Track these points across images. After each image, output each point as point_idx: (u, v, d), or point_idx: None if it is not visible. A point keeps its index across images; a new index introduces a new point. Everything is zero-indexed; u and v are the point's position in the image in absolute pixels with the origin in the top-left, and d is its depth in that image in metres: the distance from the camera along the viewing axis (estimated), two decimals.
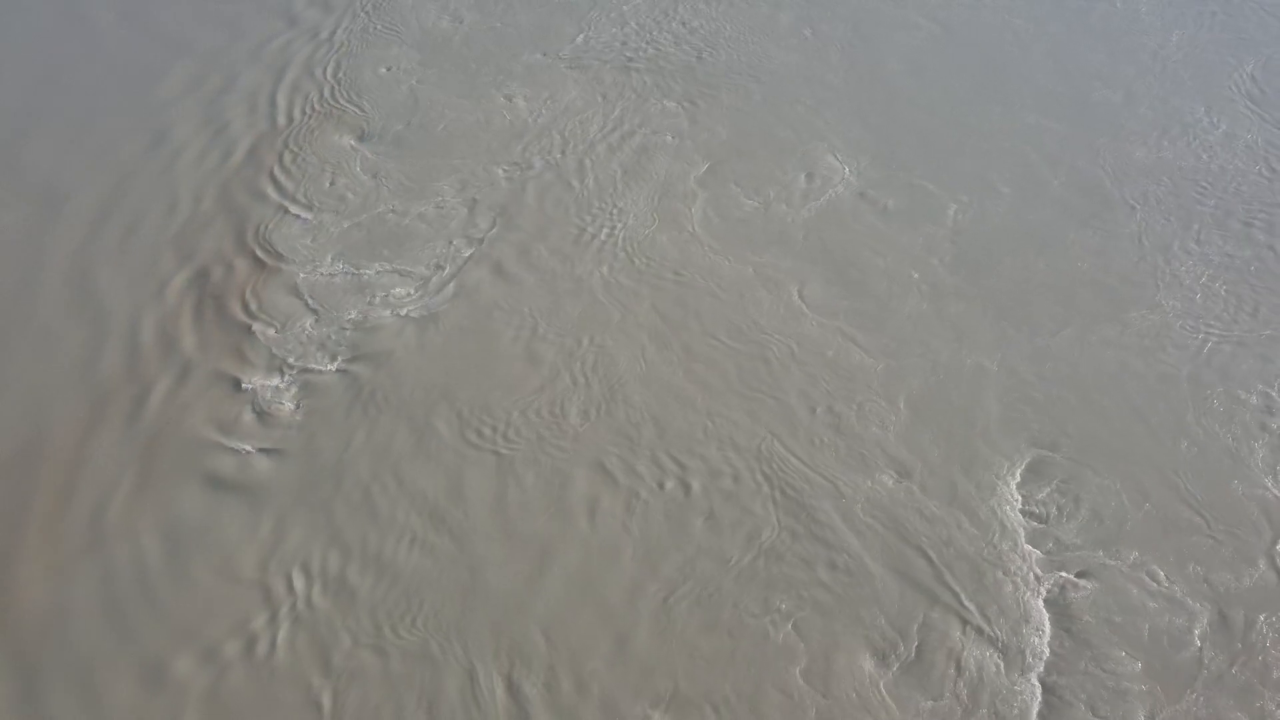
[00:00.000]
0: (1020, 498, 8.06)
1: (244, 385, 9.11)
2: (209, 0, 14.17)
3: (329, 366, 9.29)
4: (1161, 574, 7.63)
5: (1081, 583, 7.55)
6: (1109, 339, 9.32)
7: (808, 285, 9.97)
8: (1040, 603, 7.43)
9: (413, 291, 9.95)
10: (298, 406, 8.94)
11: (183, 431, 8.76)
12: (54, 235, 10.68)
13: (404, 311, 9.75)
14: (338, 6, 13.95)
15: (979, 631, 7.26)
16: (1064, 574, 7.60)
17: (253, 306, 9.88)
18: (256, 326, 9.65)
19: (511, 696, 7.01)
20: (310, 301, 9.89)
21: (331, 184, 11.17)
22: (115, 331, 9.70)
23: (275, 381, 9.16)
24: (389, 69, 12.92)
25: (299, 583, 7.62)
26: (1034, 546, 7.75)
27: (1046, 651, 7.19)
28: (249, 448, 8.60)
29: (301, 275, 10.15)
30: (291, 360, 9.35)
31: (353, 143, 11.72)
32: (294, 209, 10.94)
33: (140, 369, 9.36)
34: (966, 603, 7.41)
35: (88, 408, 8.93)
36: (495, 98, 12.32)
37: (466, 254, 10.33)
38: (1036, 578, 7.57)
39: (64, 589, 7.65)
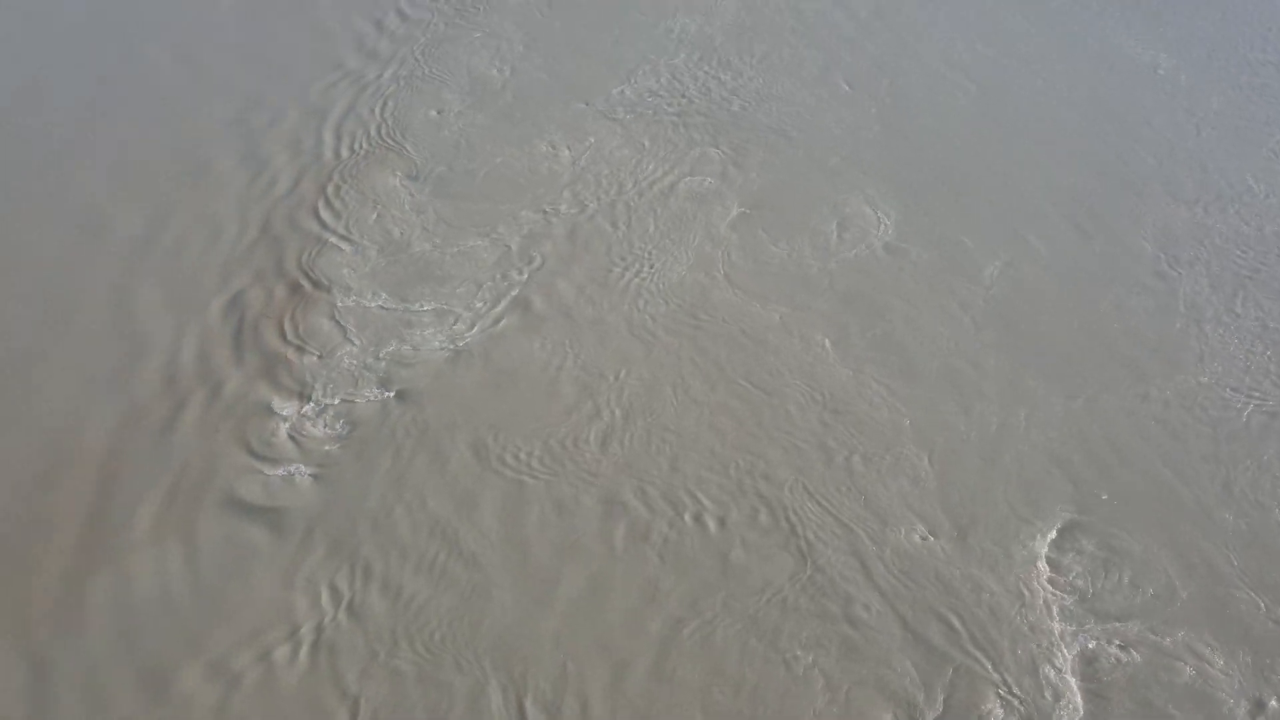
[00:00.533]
0: (1052, 563, 7.54)
1: (279, 409, 8.90)
2: (264, 46, 14.33)
3: (364, 395, 9.08)
4: (1210, 656, 6.99)
5: (1119, 657, 6.96)
6: (1146, 402, 8.79)
7: (836, 334, 9.58)
8: (1073, 679, 6.85)
9: (450, 326, 9.75)
10: (331, 431, 8.74)
11: (216, 450, 8.59)
12: (99, 258, 10.67)
13: (440, 344, 9.54)
14: (390, 52, 14.02)
15: (1007, 703, 6.68)
16: (1099, 646, 7.00)
17: (293, 332, 9.73)
18: (295, 352, 9.47)
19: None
20: (350, 331, 9.70)
21: (377, 219, 11.04)
22: (154, 351, 9.60)
23: (310, 406, 8.96)
24: (439, 112, 12.87)
25: (324, 600, 7.42)
26: (1066, 617, 7.18)
27: None
28: (280, 470, 8.38)
29: (342, 305, 9.99)
30: (327, 387, 9.14)
31: (399, 181, 11.61)
32: (339, 241, 10.84)
33: (177, 387, 9.24)
34: (994, 671, 6.85)
35: (123, 422, 8.80)
36: (539, 144, 12.18)
37: (504, 291, 10.11)
38: (1068, 650, 6.99)
39: (88, 595, 7.49)
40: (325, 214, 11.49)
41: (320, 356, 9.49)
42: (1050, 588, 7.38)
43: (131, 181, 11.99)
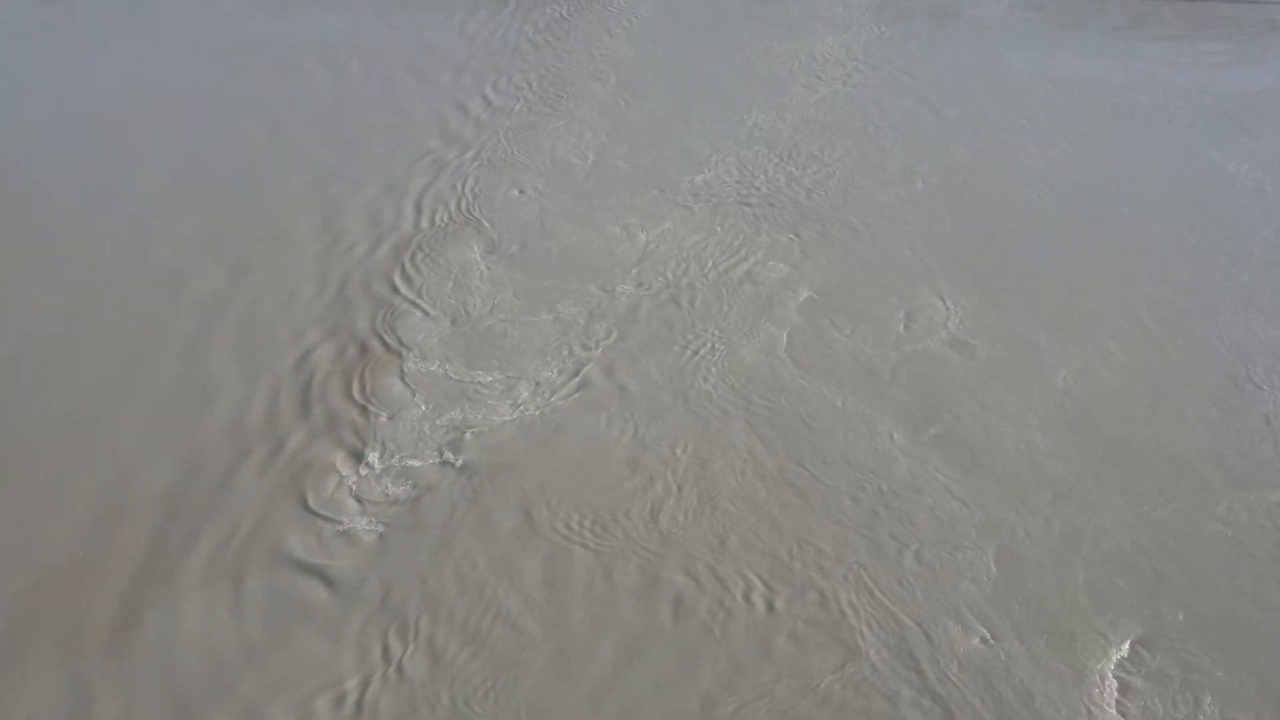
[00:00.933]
0: (1122, 683, 7.12)
1: (342, 466, 9.12)
2: (351, 123, 15.21)
3: (426, 458, 9.25)
4: None
5: None
6: (1224, 517, 8.40)
7: (898, 425, 9.45)
8: None
9: (514, 396, 9.92)
10: (390, 491, 8.89)
11: (274, 502, 8.78)
12: (175, 312, 11.20)
13: (504, 414, 9.70)
14: (476, 134, 14.74)
15: None
16: None
17: (361, 392, 10.00)
18: (362, 411, 9.73)
19: None
20: (417, 394, 9.95)
21: (452, 289, 11.42)
22: (222, 402, 9.96)
23: (371, 465, 9.15)
24: (520, 192, 13.38)
25: (371, 657, 7.42)
26: None
27: None
28: (337, 526, 8.52)
29: (412, 369, 10.27)
30: (391, 447, 9.35)
31: (477, 255, 12.02)
32: (413, 307, 11.21)
33: (242, 438, 9.54)
34: None
35: (186, 470, 9.09)
36: (613, 227, 12.55)
37: (569, 364, 10.29)
38: None
39: (136, 634, 7.65)
40: (401, 280, 11.94)
41: (387, 418, 9.72)
42: (1119, 710, 6.98)
43: (211, 242, 12.52)
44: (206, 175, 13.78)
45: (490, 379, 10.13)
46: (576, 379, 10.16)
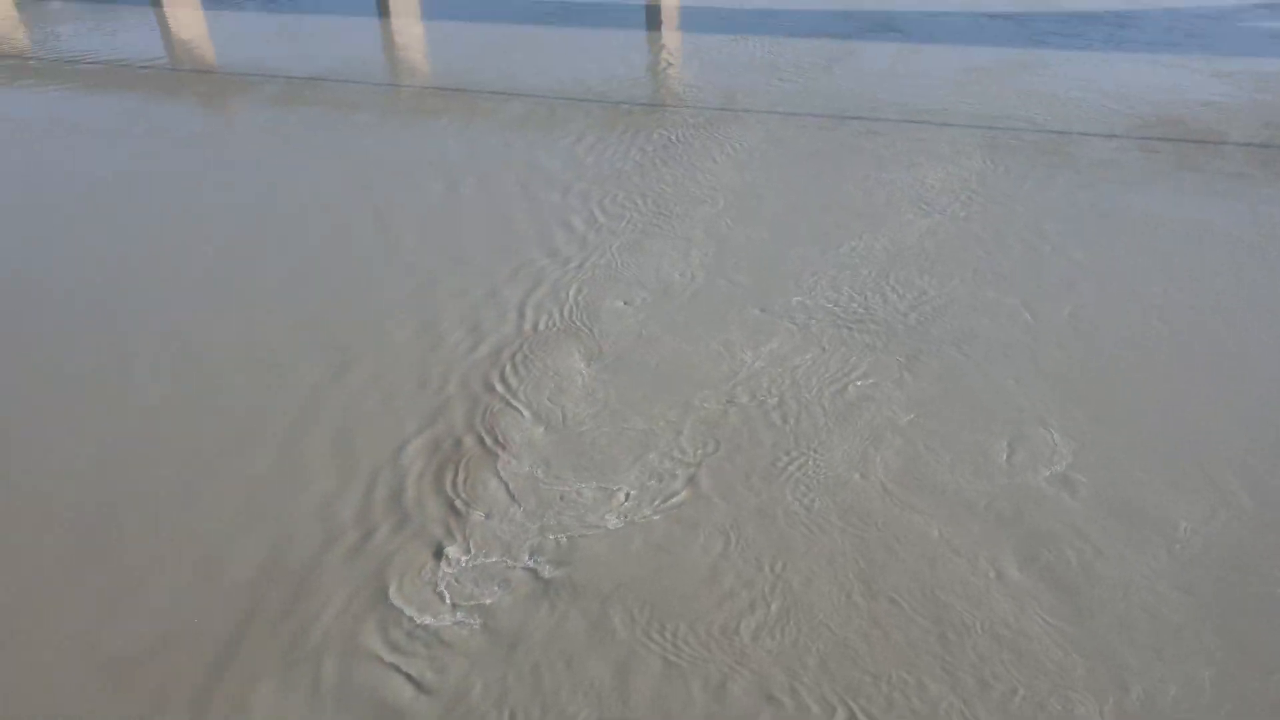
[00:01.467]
0: None
1: (435, 560, 9.31)
2: (464, 231, 16.06)
3: (521, 559, 9.37)
4: None
5: None
6: None
7: (999, 560, 9.09)
8: None
9: (611, 504, 10.02)
10: (483, 589, 8.99)
11: (363, 590, 8.96)
12: (279, 400, 11.78)
13: (600, 521, 9.78)
14: (585, 247, 15.32)
15: None
16: None
17: (460, 487, 10.26)
18: (459, 507, 9.97)
19: None
20: (515, 495, 10.17)
21: (553, 393, 11.75)
22: (318, 490, 10.33)
23: (466, 562, 9.32)
24: (625, 303, 13.79)
25: None
26: None
27: None
28: (426, 620, 8.64)
29: (511, 470, 10.51)
30: (485, 547, 9.51)
31: (579, 362, 12.38)
32: (514, 408, 11.54)
33: (335, 526, 9.83)
34: None
35: (276, 554, 9.38)
36: (713, 343, 12.78)
37: (669, 476, 10.36)
38: None
39: (210, 713, 7.81)
40: (501, 382, 12.33)
41: (481, 517, 9.92)
42: None
43: (317, 337, 13.48)
44: (318, 274, 14.76)
45: (585, 487, 10.28)
46: (670, 491, 10.20)
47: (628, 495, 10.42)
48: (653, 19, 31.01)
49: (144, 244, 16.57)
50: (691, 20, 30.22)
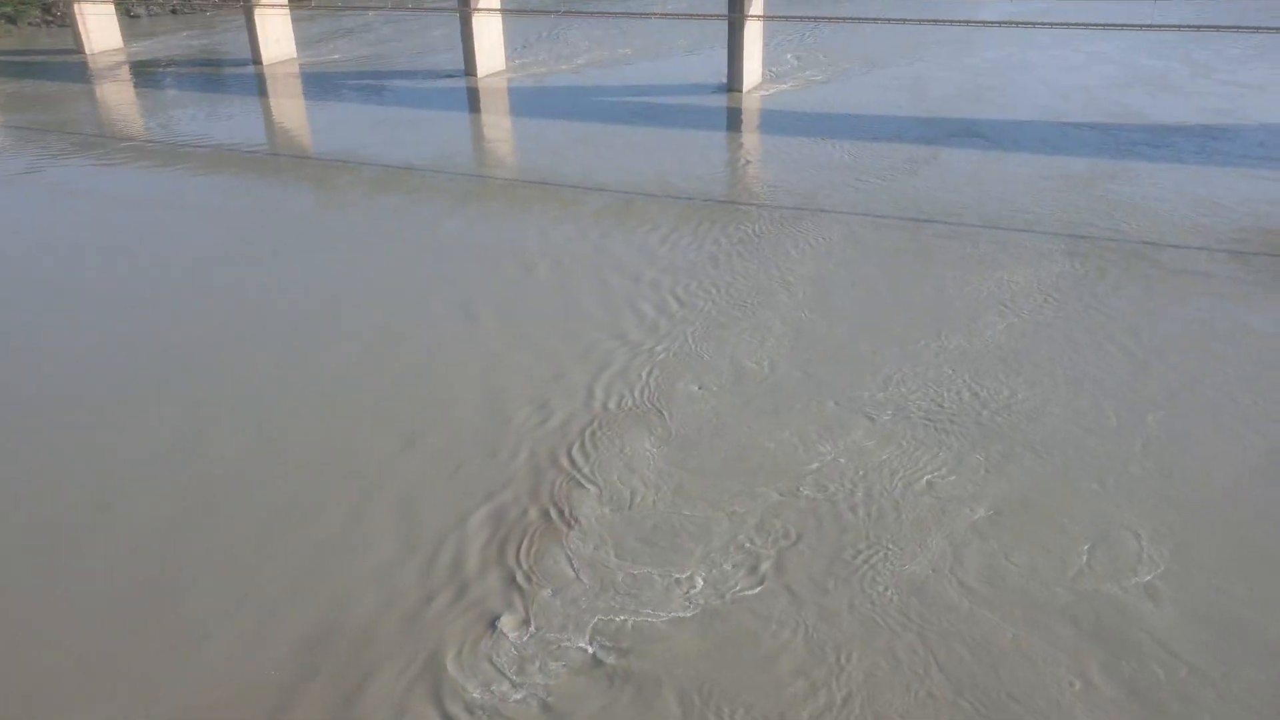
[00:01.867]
0: None
1: (502, 631, 9.64)
2: (551, 311, 16.76)
3: (583, 637, 9.60)
4: None
5: None
6: None
7: (1078, 671, 8.95)
8: None
9: (676, 588, 10.24)
10: (544, 664, 9.30)
11: (432, 653, 9.37)
12: (356, 468, 12.63)
13: (665, 605, 9.98)
14: (665, 330, 15.96)
15: None
16: None
17: (529, 560, 10.53)
18: (527, 579, 10.22)
19: None
20: (581, 573, 10.39)
21: (623, 473, 12.05)
22: (386, 553, 10.96)
23: (529, 636, 9.57)
24: (699, 388, 14.17)
25: None
26: None
27: None
28: (484, 689, 8.85)
29: (579, 547, 10.78)
30: (551, 621, 9.78)
31: (649, 443, 12.66)
32: (586, 485, 11.89)
33: (395, 588, 10.39)
34: None
35: (331, 614, 9.89)
36: (785, 433, 13.03)
37: (732, 563, 10.49)
38: None
39: None
40: (578, 456, 12.72)
41: (551, 591, 10.13)
42: None
43: (393, 409, 14.16)
44: (396, 349, 15.60)
45: (654, 569, 10.42)
46: (740, 578, 10.29)
47: (698, 583, 10.52)
48: (733, 120, 32.12)
49: (234, 312, 17.65)
50: (773, 122, 31.24)
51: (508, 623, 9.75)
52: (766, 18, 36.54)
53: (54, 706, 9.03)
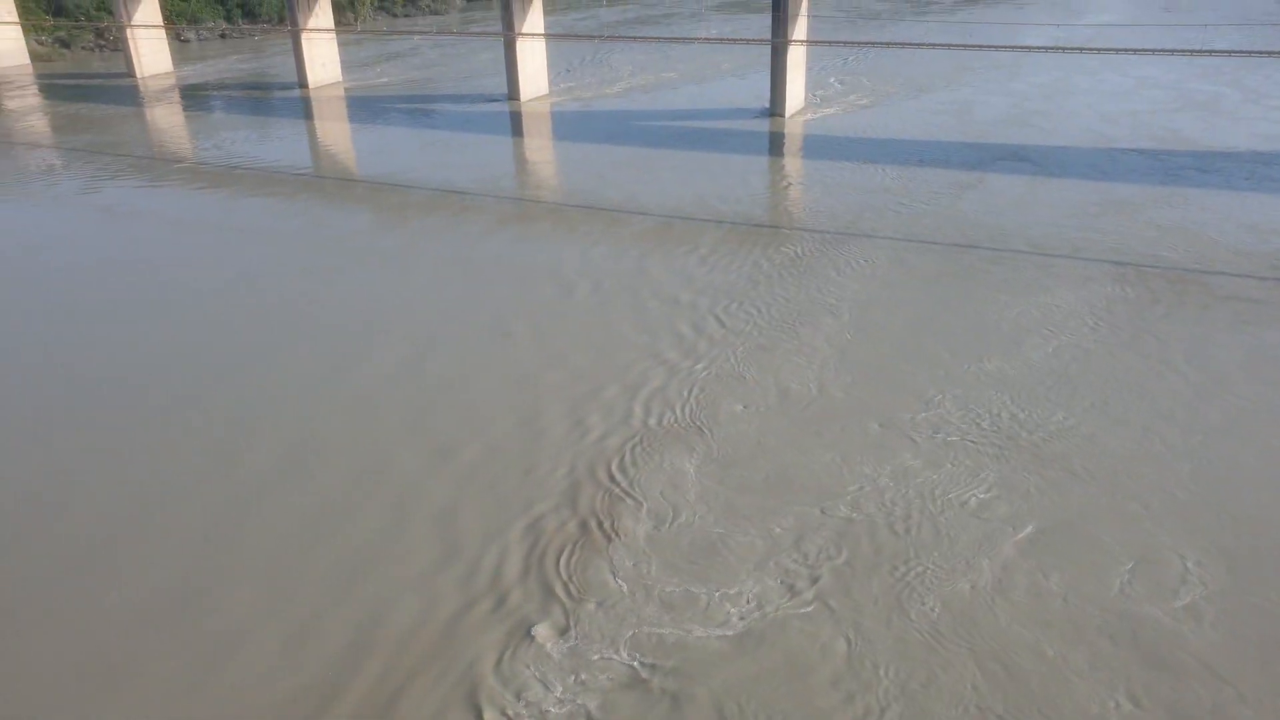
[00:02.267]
0: None
1: (542, 642, 10.01)
2: (597, 331, 17.33)
3: (623, 652, 9.86)
4: None
5: None
6: None
7: (1121, 694, 9.12)
8: None
9: (716, 606, 10.49)
10: (581, 679, 9.58)
11: (473, 662, 9.85)
12: (430, 480, 13.11)
13: (706, 622, 10.28)
14: (707, 351, 16.40)
15: None
16: None
17: (573, 573, 10.93)
18: (569, 591, 10.62)
19: None
20: (624, 588, 10.69)
21: (665, 490, 12.41)
22: (445, 558, 11.40)
23: (569, 649, 9.89)
24: (744, 408, 14.58)
25: None
26: None
27: None
28: (521, 704, 9.30)
29: (622, 561, 11.12)
30: (592, 635, 10.10)
31: (690, 462, 13.04)
32: (628, 497, 12.28)
33: (437, 591, 10.83)
34: None
35: (415, 611, 10.29)
36: (827, 455, 13.29)
37: (771, 581, 10.78)
38: None
39: None
40: (620, 471, 13.12)
41: (596, 604, 10.49)
42: None
43: (466, 424, 14.66)
44: (438, 364, 16.34)
45: (695, 587, 10.72)
46: (778, 598, 10.57)
47: (739, 599, 10.80)
48: (775, 144, 32.64)
49: (280, 327, 18.43)
50: (815, 147, 31.67)
51: (547, 632, 10.08)
52: (810, 42, 37.13)
53: (98, 708, 9.58)
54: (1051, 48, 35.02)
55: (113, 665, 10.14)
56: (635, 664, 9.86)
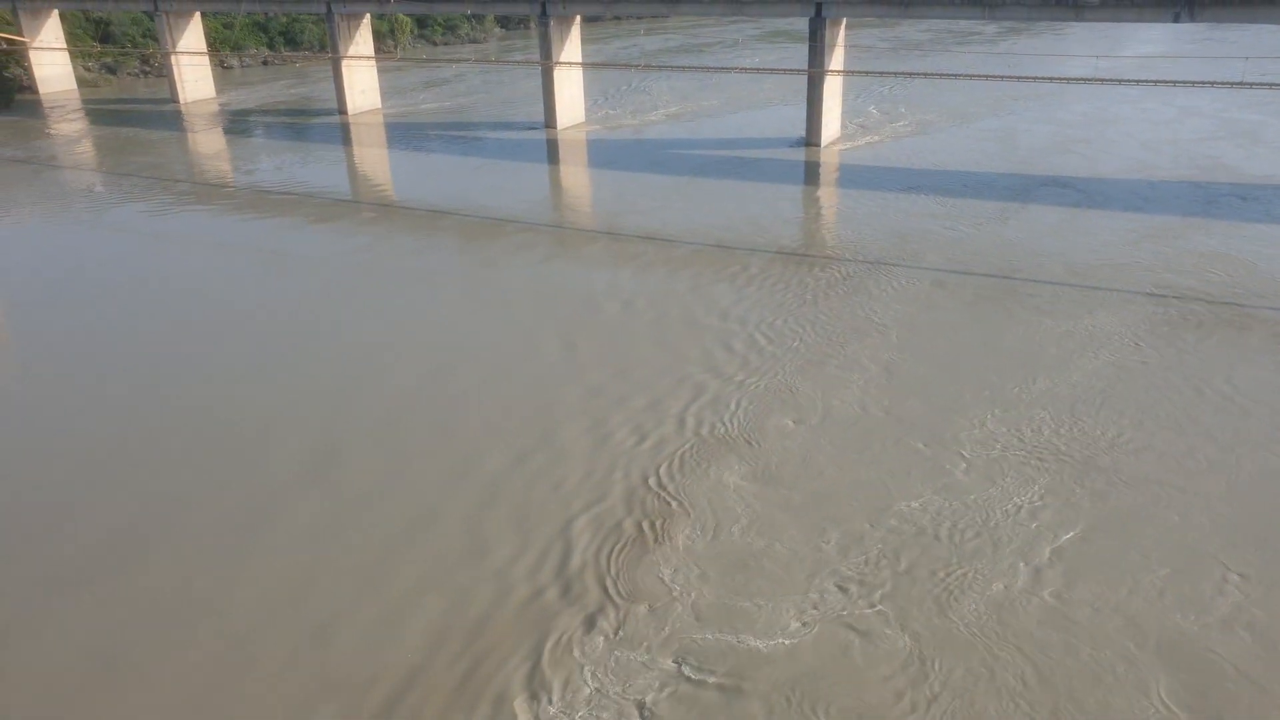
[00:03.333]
0: None
1: (586, 645, 10.52)
2: (646, 344, 18.18)
3: (670, 659, 10.37)
4: None
5: None
6: None
7: (1160, 695, 9.51)
8: None
9: (770, 619, 10.97)
10: (628, 686, 10.02)
11: (519, 658, 10.47)
12: (470, 483, 13.86)
13: (758, 633, 10.75)
14: (759, 367, 17.10)
15: None
16: None
17: (623, 575, 11.48)
18: (620, 593, 11.15)
19: None
20: (676, 594, 11.20)
21: (711, 500, 12.94)
22: (493, 560, 12.06)
23: (616, 654, 10.42)
24: (794, 422, 15.21)
25: None
26: None
27: None
28: (561, 705, 9.79)
29: (672, 567, 11.64)
30: (640, 641, 10.59)
31: (737, 474, 13.59)
32: (676, 506, 12.86)
33: (497, 589, 11.45)
34: None
35: (446, 616, 11.09)
36: (872, 472, 13.81)
37: (828, 596, 11.28)
38: None
39: None
40: (667, 479, 13.75)
41: (648, 608, 10.99)
42: None
43: (503, 429, 15.44)
44: (506, 378, 16.91)
45: (744, 599, 11.28)
46: (828, 608, 11.12)
47: (781, 610, 11.41)
48: (810, 174, 33.30)
49: (357, 351, 19.19)
50: (850, 176, 32.36)
51: (601, 635, 10.65)
52: (846, 73, 37.87)
53: (211, 680, 10.38)
54: (1092, 79, 35.54)
55: (231, 644, 10.91)
56: (678, 672, 10.23)
